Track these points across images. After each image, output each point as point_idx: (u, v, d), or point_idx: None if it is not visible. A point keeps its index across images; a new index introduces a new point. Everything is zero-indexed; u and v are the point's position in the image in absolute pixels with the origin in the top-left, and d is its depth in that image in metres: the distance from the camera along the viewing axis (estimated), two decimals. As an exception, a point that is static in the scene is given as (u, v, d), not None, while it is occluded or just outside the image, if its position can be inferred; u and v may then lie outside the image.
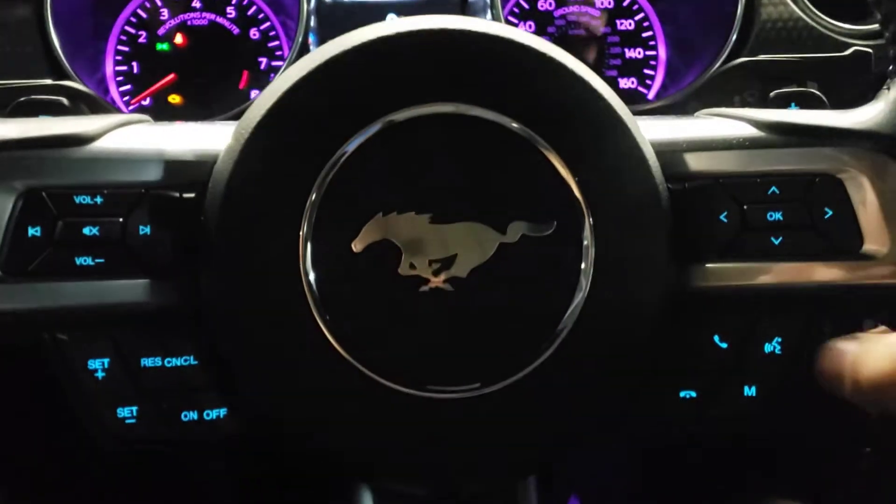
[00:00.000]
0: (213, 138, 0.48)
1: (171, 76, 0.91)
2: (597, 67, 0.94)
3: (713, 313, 0.48)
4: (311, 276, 0.43)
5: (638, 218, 0.45)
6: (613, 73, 0.94)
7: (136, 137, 0.48)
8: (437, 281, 0.44)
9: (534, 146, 0.44)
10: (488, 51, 0.44)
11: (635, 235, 0.44)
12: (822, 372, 0.45)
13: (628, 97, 0.93)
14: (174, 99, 0.91)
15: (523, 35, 0.45)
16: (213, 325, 0.45)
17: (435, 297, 0.43)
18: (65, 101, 0.55)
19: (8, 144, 0.44)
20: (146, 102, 0.91)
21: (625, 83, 0.94)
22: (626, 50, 0.94)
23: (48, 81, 0.62)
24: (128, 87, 0.92)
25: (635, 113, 0.47)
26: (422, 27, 0.44)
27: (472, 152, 0.44)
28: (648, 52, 0.94)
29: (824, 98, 0.55)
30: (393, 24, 0.44)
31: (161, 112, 0.91)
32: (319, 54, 0.44)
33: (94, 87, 0.87)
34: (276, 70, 0.92)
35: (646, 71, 0.94)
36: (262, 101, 0.44)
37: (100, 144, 0.46)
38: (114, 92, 0.91)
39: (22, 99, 0.54)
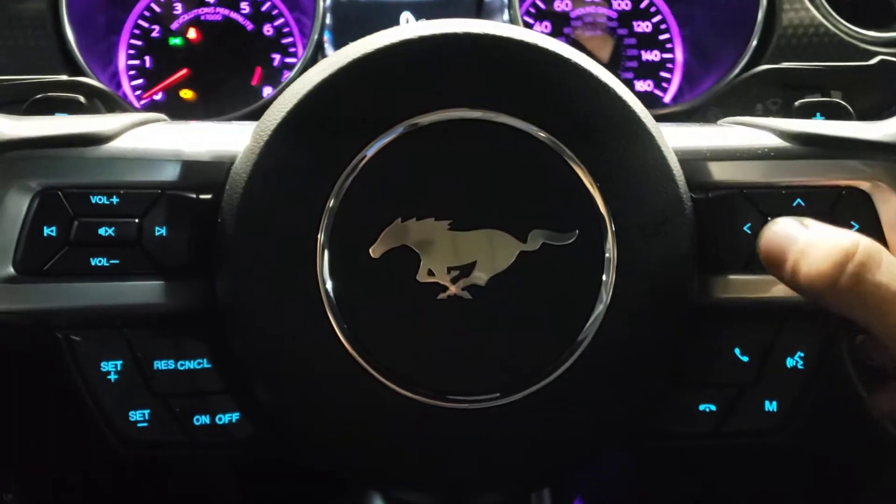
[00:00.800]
0: (230, 139, 0.47)
1: (184, 71, 0.91)
2: (613, 69, 0.92)
3: (735, 326, 0.48)
4: (329, 283, 0.42)
5: (661, 228, 0.44)
6: (629, 75, 0.93)
7: (152, 137, 0.47)
8: (455, 288, 0.43)
9: (557, 154, 0.43)
10: (512, 57, 0.43)
11: (658, 246, 0.44)
12: (765, 250, 0.42)
13: (644, 100, 0.92)
14: (186, 94, 0.91)
15: (548, 41, 0.44)
16: (227, 329, 0.44)
17: (453, 304, 0.43)
18: (81, 98, 0.55)
19: (25, 143, 0.44)
20: (158, 97, 0.91)
21: (641, 86, 0.93)
22: (643, 52, 0.93)
23: (64, 77, 0.62)
24: (140, 81, 0.91)
25: (654, 117, 0.46)
26: (446, 31, 0.43)
27: (494, 159, 0.43)
28: (665, 55, 0.93)
29: (850, 109, 0.55)
30: (416, 28, 0.44)
31: (173, 107, 0.90)
32: (341, 56, 0.43)
33: (106, 80, 0.86)
34: (289, 67, 0.92)
35: (662, 74, 0.93)
36: (283, 102, 0.44)
37: (116, 144, 0.46)
38: (126, 86, 0.91)
39: (38, 96, 0.53)
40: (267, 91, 0.91)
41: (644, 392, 0.45)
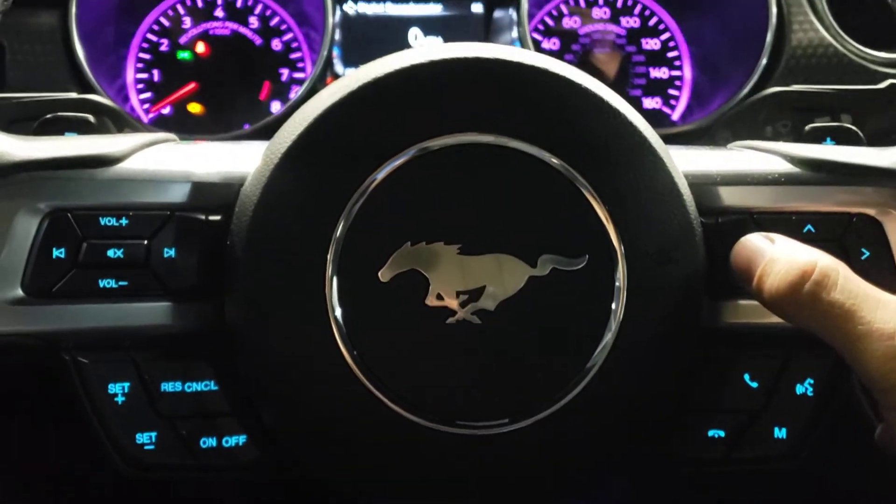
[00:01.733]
0: (240, 159, 0.47)
1: (192, 85, 0.91)
2: (621, 86, 0.93)
3: (744, 351, 0.47)
4: (338, 307, 0.42)
5: (671, 254, 0.44)
6: (638, 92, 0.93)
7: (162, 157, 0.47)
8: (464, 313, 0.43)
9: (567, 179, 0.43)
10: (523, 81, 0.43)
11: (668, 271, 0.44)
12: (735, 265, 0.45)
13: (652, 117, 0.92)
14: (194, 108, 0.91)
15: (558, 65, 0.44)
16: (235, 352, 0.44)
17: (462, 329, 0.43)
18: (90, 118, 0.55)
19: (35, 165, 0.44)
20: (166, 111, 0.91)
21: (649, 103, 0.93)
22: (651, 69, 0.93)
23: (73, 95, 0.62)
24: (148, 94, 0.91)
25: (663, 136, 0.46)
26: (456, 55, 0.43)
27: (504, 183, 0.43)
28: (674, 73, 0.93)
29: (860, 134, 0.54)
30: (427, 52, 0.44)
31: (181, 121, 0.91)
32: (352, 80, 0.43)
33: (114, 94, 0.86)
34: (297, 82, 0.92)
35: (670, 91, 0.93)
36: (293, 125, 0.44)
37: (126, 165, 0.46)
38: (134, 99, 0.91)
39: (48, 116, 0.54)
40: (275, 106, 0.91)
41: (653, 418, 0.45)
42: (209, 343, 0.46)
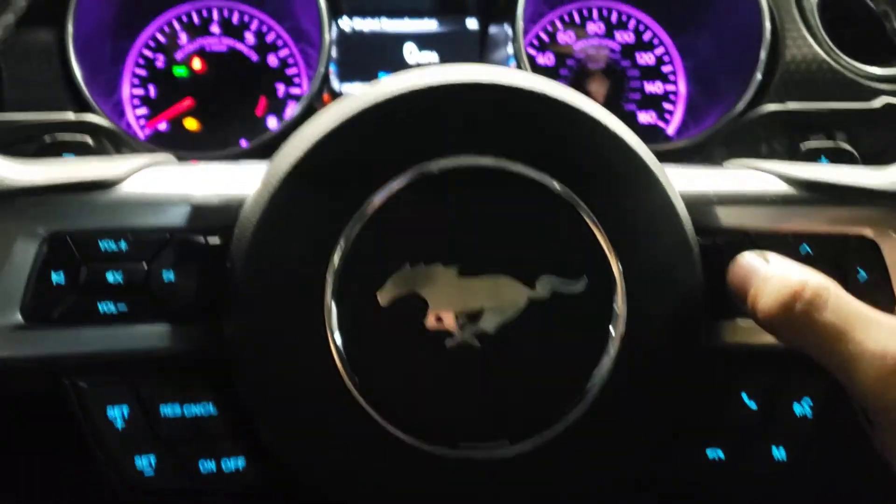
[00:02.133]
0: (238, 181, 0.47)
1: (188, 101, 0.91)
2: (616, 101, 0.93)
3: (742, 371, 0.48)
4: (337, 331, 0.42)
5: (670, 275, 0.44)
6: (632, 106, 0.93)
7: (160, 180, 0.47)
8: (463, 335, 0.43)
9: (565, 201, 0.43)
10: (520, 105, 0.44)
11: (667, 292, 0.44)
12: (731, 283, 0.45)
13: (648, 132, 0.93)
14: (190, 124, 0.91)
15: (556, 88, 0.44)
16: (234, 376, 0.44)
17: (462, 352, 0.43)
18: (89, 140, 0.55)
19: (33, 190, 0.44)
20: (162, 127, 0.91)
21: (644, 117, 0.93)
22: (646, 84, 0.94)
23: (71, 116, 0.62)
24: (144, 110, 0.91)
25: (658, 153, 0.46)
26: (453, 80, 0.43)
27: (502, 205, 0.43)
28: (668, 87, 0.94)
29: (856, 153, 0.55)
30: (424, 75, 0.44)
31: (177, 137, 0.91)
32: (351, 103, 0.43)
33: (110, 110, 0.86)
34: (293, 97, 0.92)
35: (665, 105, 0.93)
36: (292, 148, 0.44)
37: (124, 188, 0.46)
38: (130, 115, 0.91)
39: (47, 140, 0.53)
40: (272, 122, 0.92)
41: (653, 439, 0.45)
42: (208, 365, 0.45)
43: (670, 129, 0.93)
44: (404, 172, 0.43)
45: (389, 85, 0.44)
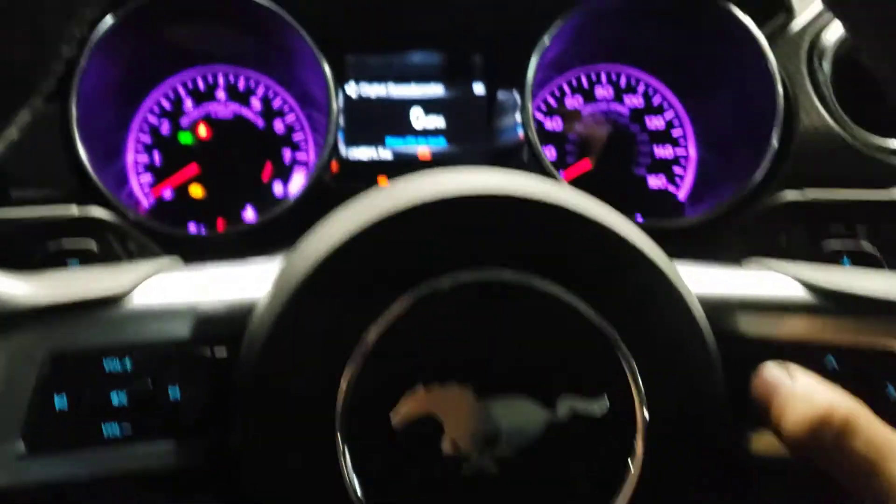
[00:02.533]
0: (245, 286, 0.46)
1: (193, 168, 0.90)
2: (625, 165, 0.92)
3: (771, 483, 0.46)
4: (348, 454, 0.41)
5: (692, 389, 0.43)
6: (642, 171, 0.92)
7: (165, 290, 0.46)
8: (480, 461, 0.41)
9: (585, 318, 0.42)
10: (538, 218, 0.42)
11: (689, 407, 0.42)
12: (754, 396, 0.44)
13: (658, 197, 0.91)
14: (195, 191, 0.90)
15: (577, 199, 0.43)
16: (242, 493, 0.42)
17: (479, 479, 0.41)
18: (93, 246, 0.53)
19: (36, 312, 0.42)
20: (167, 195, 0.90)
21: (654, 181, 0.92)
22: (656, 148, 0.93)
23: (75, 212, 0.60)
24: (148, 177, 0.90)
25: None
26: (465, 193, 0.42)
27: (519, 322, 0.42)
28: (678, 151, 0.93)
29: (879, 255, 0.53)
30: (437, 185, 0.42)
31: (182, 205, 0.89)
32: (358, 215, 0.42)
33: (113, 177, 0.85)
34: (299, 163, 0.91)
35: (676, 170, 0.92)
36: (300, 260, 0.42)
37: (128, 302, 0.44)
38: (133, 182, 0.90)
39: (51, 249, 0.52)
40: (277, 187, 0.91)
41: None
42: (215, 480, 0.44)
43: (681, 194, 0.91)
44: (417, 287, 0.42)
45: (400, 193, 0.42)
